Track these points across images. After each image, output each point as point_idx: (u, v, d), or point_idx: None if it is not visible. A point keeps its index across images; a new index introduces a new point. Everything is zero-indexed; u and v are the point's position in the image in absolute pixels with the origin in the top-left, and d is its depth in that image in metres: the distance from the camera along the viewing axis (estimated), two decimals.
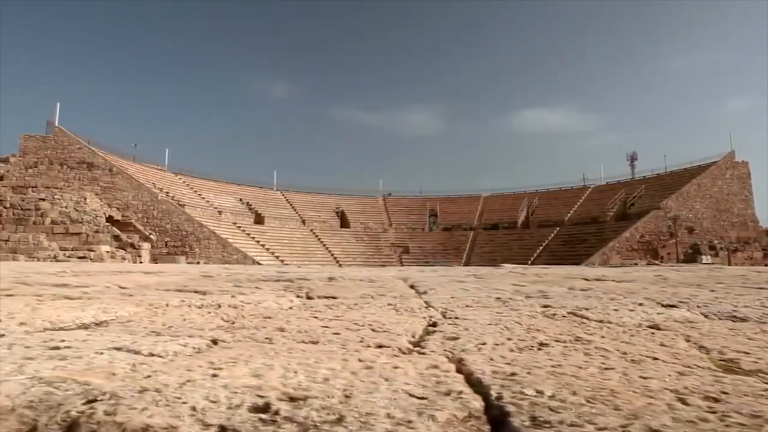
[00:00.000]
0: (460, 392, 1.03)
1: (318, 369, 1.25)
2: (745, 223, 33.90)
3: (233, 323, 2.06)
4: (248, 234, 37.70)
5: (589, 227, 39.84)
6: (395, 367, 1.27)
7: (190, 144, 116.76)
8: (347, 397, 0.99)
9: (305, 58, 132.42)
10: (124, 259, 26.46)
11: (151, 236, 30.96)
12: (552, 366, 1.34)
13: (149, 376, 1.14)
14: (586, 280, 5.79)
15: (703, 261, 30.65)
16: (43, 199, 26.56)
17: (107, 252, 25.56)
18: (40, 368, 1.20)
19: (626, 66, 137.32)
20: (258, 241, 37.41)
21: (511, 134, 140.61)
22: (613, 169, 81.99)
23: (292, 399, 0.99)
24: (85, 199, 28.69)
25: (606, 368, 1.33)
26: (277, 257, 36.07)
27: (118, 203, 30.94)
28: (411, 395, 1.01)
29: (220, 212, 38.41)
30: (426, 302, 3.02)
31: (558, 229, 41.54)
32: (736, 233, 33.30)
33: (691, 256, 32.12)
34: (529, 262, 35.53)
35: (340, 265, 33.65)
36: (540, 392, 1.04)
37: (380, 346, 1.66)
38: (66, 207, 27.20)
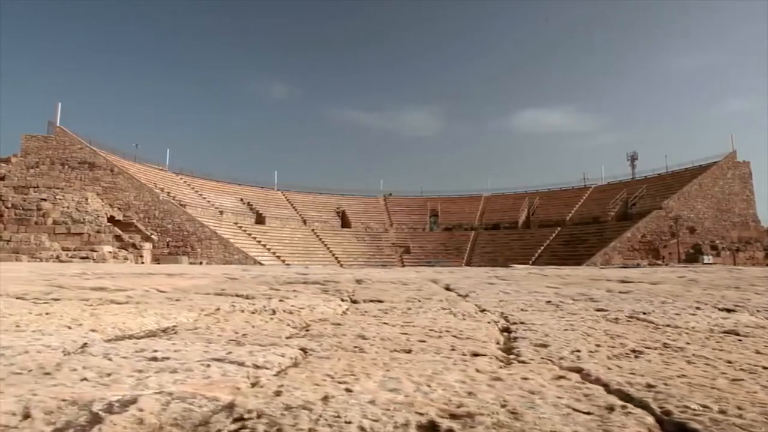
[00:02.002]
0: (623, 407, 0.99)
1: (444, 380, 1.20)
2: (746, 223, 33.98)
3: (307, 330, 2.00)
4: (249, 234, 37.60)
5: (590, 227, 39.88)
6: (524, 378, 1.22)
7: (191, 144, 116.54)
8: (513, 413, 0.94)
9: (305, 59, 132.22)
10: (126, 259, 26.33)
11: (153, 236, 30.82)
12: (677, 376, 1.29)
13: (279, 392, 1.09)
14: (609, 281, 5.76)
15: (705, 261, 30.71)
16: (45, 200, 26.40)
17: (109, 252, 25.44)
18: (161, 382, 1.15)
19: (626, 66, 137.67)
20: (259, 241, 37.31)
21: (511, 134, 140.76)
22: (614, 169, 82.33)
23: (453, 416, 0.94)
24: (87, 199, 28.53)
25: (734, 379, 1.28)
26: (279, 257, 35.98)
27: (120, 203, 30.80)
28: (576, 410, 0.96)
29: (221, 212, 38.29)
30: (477, 306, 2.97)
31: (559, 229, 41.56)
32: (738, 233, 33.39)
33: (693, 256, 32.18)
34: (530, 262, 35.53)
35: (341, 266, 33.58)
36: (705, 407, 0.99)
37: (476, 354, 1.61)
38: (68, 207, 27.05)
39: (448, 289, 4.16)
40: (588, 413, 0.95)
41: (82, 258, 23.67)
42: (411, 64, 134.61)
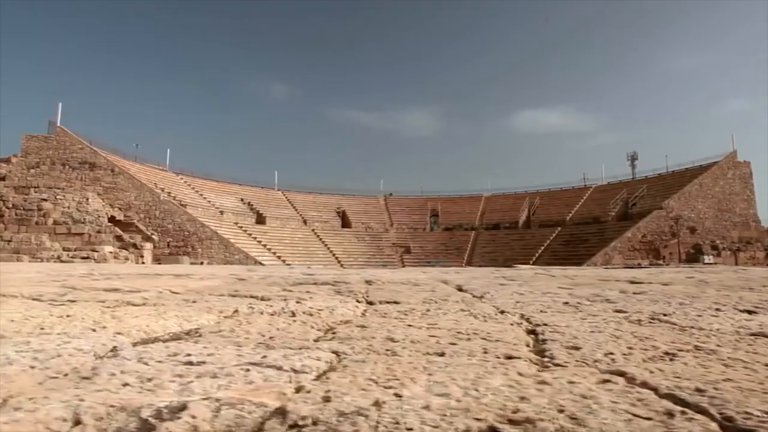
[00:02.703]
0: (683, 412, 0.97)
1: (490, 384, 1.19)
2: (747, 223, 34.02)
3: (333, 332, 1.99)
4: (250, 234, 37.57)
5: (590, 227, 39.90)
6: (571, 382, 1.20)
7: (191, 144, 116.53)
8: (573, 418, 0.92)
9: (305, 59, 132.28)
10: (127, 259, 26.29)
11: (153, 236, 30.78)
12: (723, 380, 1.27)
13: (328, 398, 1.07)
14: (619, 281, 5.75)
15: (705, 261, 30.73)
16: (46, 200, 26.35)
17: (110, 252, 25.39)
18: (204, 387, 1.13)
19: (626, 66, 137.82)
20: (260, 241, 37.28)
21: (510, 134, 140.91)
22: (614, 169, 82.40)
23: (512, 422, 0.92)
24: (87, 199, 28.49)
25: None
26: (279, 257, 35.96)
27: (120, 203, 30.75)
28: (636, 416, 0.94)
29: (221, 212, 38.26)
30: (495, 307, 2.96)
31: (559, 229, 41.57)
32: (738, 233, 33.42)
33: (694, 256, 32.20)
34: (531, 262, 35.54)
35: (342, 266, 33.56)
36: (767, 412, 0.98)
37: (509, 357, 1.60)
38: (68, 207, 27.00)
39: (460, 290, 4.15)
40: (649, 419, 0.93)
41: (83, 258, 23.62)
42: (411, 64, 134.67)
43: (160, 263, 27.00)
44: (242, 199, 42.70)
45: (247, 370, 1.30)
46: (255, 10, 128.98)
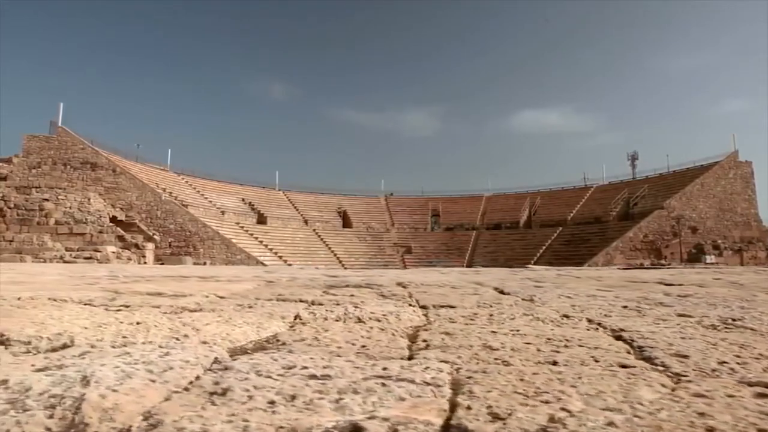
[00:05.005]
0: None
1: (643, 397, 1.13)
2: (748, 222, 34.13)
3: (425, 341, 1.93)
4: (251, 234, 37.46)
5: (591, 227, 39.95)
6: (729, 395, 1.15)
7: (192, 144, 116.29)
8: None
9: (305, 59, 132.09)
10: (129, 259, 26.16)
11: (155, 236, 30.63)
12: None
13: (496, 414, 1.02)
14: (646, 283, 5.71)
15: (707, 261, 30.83)
16: (47, 200, 26.18)
17: (113, 252, 25.26)
18: (360, 404, 1.07)
19: (626, 66, 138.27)
20: (261, 242, 37.18)
21: (510, 134, 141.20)
22: (614, 169, 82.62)
23: None
24: (89, 199, 28.32)
25: None
26: (280, 257, 35.87)
27: (122, 203, 30.60)
28: None
29: (222, 212, 38.13)
30: (556, 311, 2.91)
31: (561, 229, 41.62)
32: (740, 233, 33.53)
33: (695, 256, 32.30)
34: (533, 262, 35.55)
35: (343, 266, 33.49)
36: None
37: (624, 366, 1.54)
38: (70, 207, 26.83)
39: (502, 292, 4.10)
40: None
41: (86, 258, 23.49)
42: (411, 64, 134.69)
43: (162, 263, 26.88)
44: (243, 199, 42.57)
45: (383, 384, 1.24)
46: (255, 10, 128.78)
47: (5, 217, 24.21)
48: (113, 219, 29.18)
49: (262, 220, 40.75)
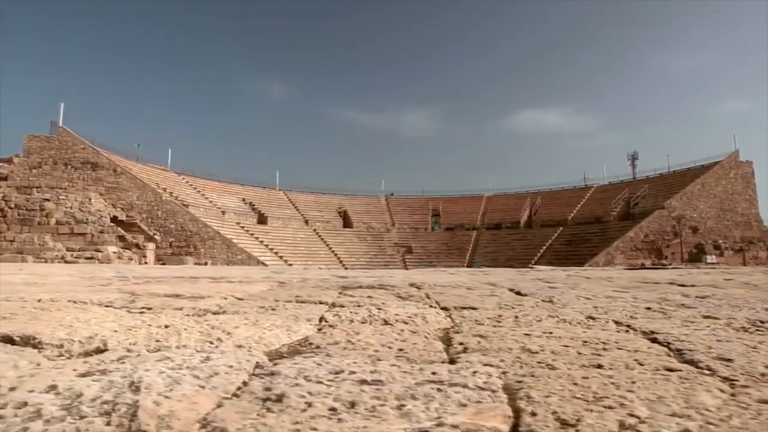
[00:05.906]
0: None
1: (706, 402, 1.11)
2: (749, 222, 34.16)
3: (461, 344, 1.91)
4: (252, 234, 37.42)
5: (592, 227, 39.97)
6: None
7: (192, 144, 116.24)
8: None
9: (305, 59, 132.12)
10: (131, 259, 26.11)
11: (156, 236, 30.57)
12: None
13: (564, 421, 0.99)
14: (658, 283, 5.70)
15: (708, 261, 30.84)
16: (48, 200, 26.11)
17: (114, 252, 25.21)
18: (425, 411, 1.05)
19: (626, 66, 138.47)
20: (261, 241, 37.14)
21: (510, 134, 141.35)
22: (615, 169, 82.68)
23: None
24: (90, 199, 28.26)
25: None
26: (281, 257, 35.83)
27: (123, 203, 30.54)
28: None
29: (223, 212, 38.09)
30: (580, 312, 2.89)
31: (561, 228, 41.63)
32: (741, 233, 33.56)
33: (696, 256, 32.32)
34: (533, 262, 35.55)
35: (344, 266, 33.46)
36: None
37: (670, 370, 1.52)
38: (71, 207, 26.77)
39: (519, 294, 4.08)
40: None
41: (87, 258, 23.44)
42: (411, 64, 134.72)
43: (163, 263, 26.83)
44: (244, 199, 42.52)
45: (438, 389, 1.21)
46: (255, 10, 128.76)
47: (6, 217, 24.15)
48: (114, 219, 29.12)
49: (262, 220, 40.71)
